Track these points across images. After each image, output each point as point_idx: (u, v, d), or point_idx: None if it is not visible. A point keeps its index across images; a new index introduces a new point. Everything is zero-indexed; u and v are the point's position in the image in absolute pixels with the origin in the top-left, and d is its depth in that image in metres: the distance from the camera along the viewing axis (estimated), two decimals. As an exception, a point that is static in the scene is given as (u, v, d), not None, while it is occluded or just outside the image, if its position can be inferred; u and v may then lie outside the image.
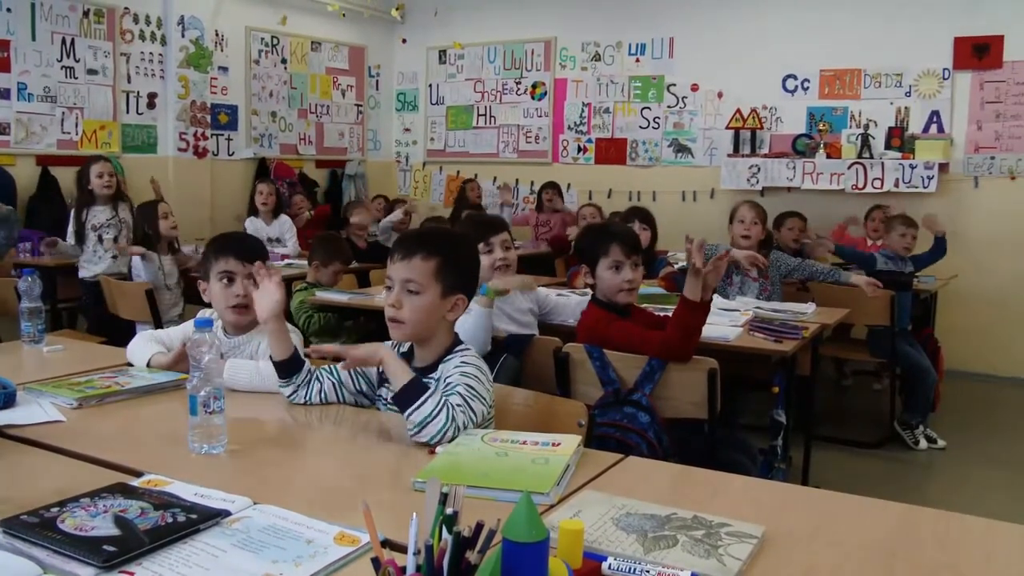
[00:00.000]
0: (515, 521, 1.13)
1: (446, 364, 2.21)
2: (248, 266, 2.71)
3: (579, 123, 9.33)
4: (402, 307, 2.22)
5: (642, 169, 8.97)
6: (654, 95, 8.90)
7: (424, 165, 10.39)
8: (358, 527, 1.47)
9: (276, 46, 9.24)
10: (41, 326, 3.17)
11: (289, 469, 1.95)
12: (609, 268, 3.31)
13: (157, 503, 1.56)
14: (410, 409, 2.01)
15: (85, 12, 7.58)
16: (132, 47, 7.95)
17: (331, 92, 9.86)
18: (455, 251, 2.32)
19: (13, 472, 1.67)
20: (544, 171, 9.29)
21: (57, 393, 2.36)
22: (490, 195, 9.58)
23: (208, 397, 1.89)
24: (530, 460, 1.80)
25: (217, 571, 1.35)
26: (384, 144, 10.53)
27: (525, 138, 9.65)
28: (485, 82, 9.90)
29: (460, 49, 9.97)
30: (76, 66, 7.55)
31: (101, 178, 5.97)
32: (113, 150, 7.71)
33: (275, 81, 9.25)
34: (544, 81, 9.52)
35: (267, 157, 9.08)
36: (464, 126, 10.03)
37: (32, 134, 7.27)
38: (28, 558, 1.38)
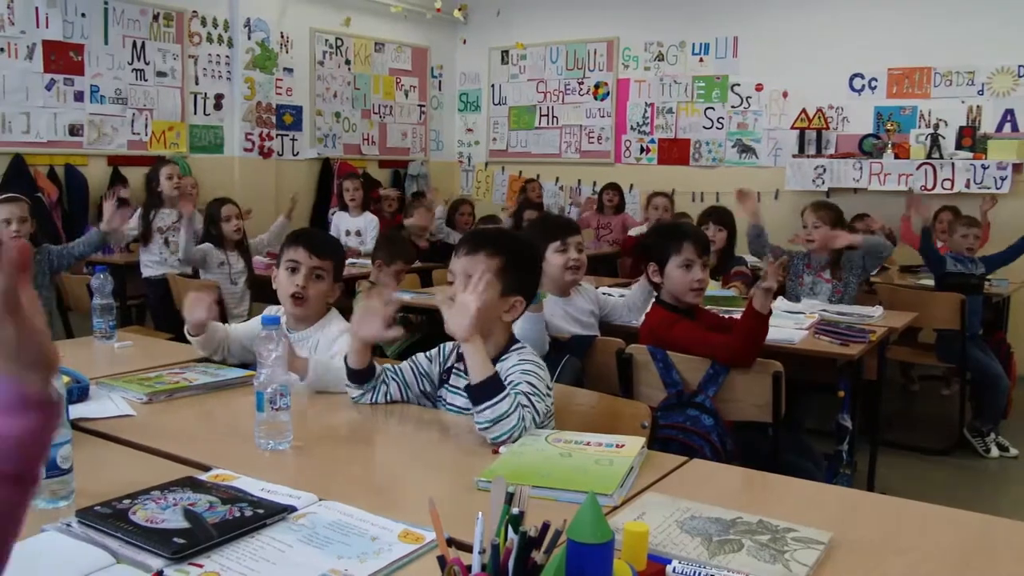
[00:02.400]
0: (580, 522, 1.13)
1: (503, 362, 2.21)
2: (315, 259, 2.75)
3: (642, 123, 9.28)
4: None
5: (705, 170, 8.89)
6: (718, 95, 8.82)
7: (486, 165, 10.42)
8: (422, 525, 1.48)
9: (340, 47, 9.34)
10: (112, 322, 3.24)
11: (353, 466, 1.97)
12: (680, 266, 3.28)
13: (225, 497, 1.58)
14: (485, 404, 1.99)
15: (155, 16, 7.73)
16: (200, 49, 8.10)
17: (394, 93, 9.93)
18: (519, 253, 2.32)
19: (86, 464, 1.70)
20: (606, 172, 9.26)
21: (128, 388, 2.41)
22: (551, 195, 9.57)
23: (275, 394, 1.91)
24: (594, 461, 1.79)
25: (283, 566, 1.37)
26: (446, 144, 10.58)
27: (587, 138, 9.63)
28: (547, 82, 9.89)
29: (522, 49, 9.98)
30: (146, 68, 7.70)
31: (171, 180, 6.08)
32: (181, 150, 7.85)
33: (339, 82, 9.34)
34: (607, 81, 9.49)
35: (331, 157, 9.17)
36: (526, 126, 10.04)
37: (104, 135, 7.43)
38: (101, 547, 1.42)
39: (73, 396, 2.24)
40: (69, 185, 7.15)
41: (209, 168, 7.95)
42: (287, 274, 2.80)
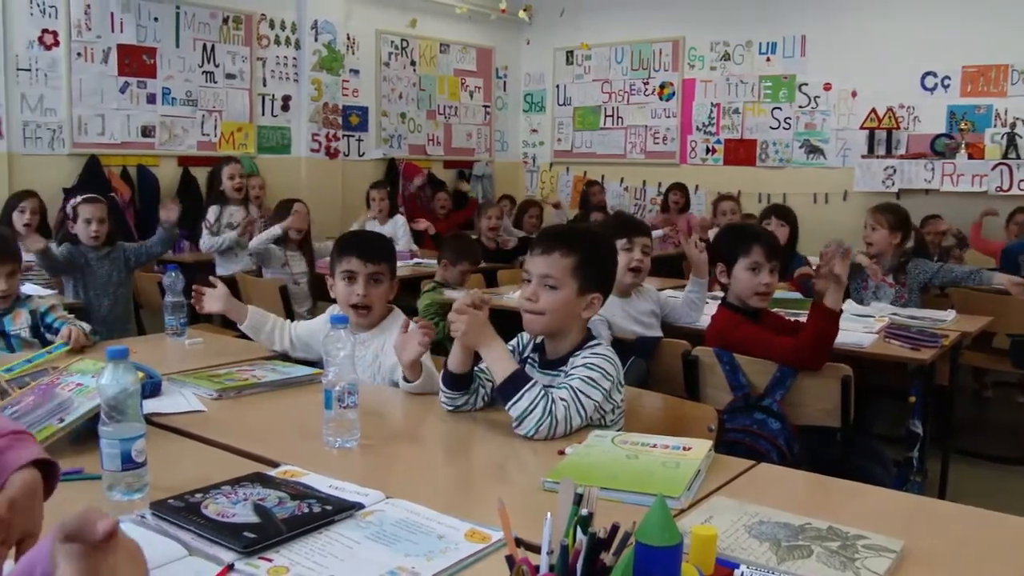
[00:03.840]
0: (649, 525, 1.12)
1: (576, 358, 2.21)
2: (370, 266, 2.76)
3: (708, 124, 9.20)
4: (538, 301, 2.23)
5: (772, 170, 8.79)
6: (785, 95, 8.71)
7: (551, 166, 10.41)
8: (488, 524, 1.49)
9: (405, 48, 9.41)
10: (183, 320, 3.30)
11: (420, 465, 1.98)
12: (748, 269, 3.24)
13: (294, 493, 1.60)
14: (509, 402, 2.04)
15: (224, 19, 7.87)
16: (268, 52, 8.22)
17: (459, 93, 9.98)
18: (595, 250, 2.32)
19: (159, 458, 1.74)
20: (672, 172, 9.20)
21: (198, 384, 2.46)
22: (616, 196, 9.54)
23: (343, 392, 1.93)
24: (660, 463, 1.78)
25: (351, 562, 1.38)
26: (511, 145, 10.60)
27: (653, 139, 9.57)
28: (612, 83, 9.86)
29: (587, 50, 9.96)
30: (215, 71, 7.85)
31: (232, 179, 6.17)
32: (249, 151, 7.98)
33: (404, 83, 9.41)
34: (672, 81, 9.43)
35: (396, 158, 9.25)
36: (591, 127, 10.02)
37: (174, 136, 7.59)
38: (174, 540, 1.45)
39: (146, 391, 2.28)
40: (141, 185, 7.32)
41: (276, 169, 8.06)
42: (344, 284, 2.79)
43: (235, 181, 6.22)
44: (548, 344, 2.32)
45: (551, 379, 2.22)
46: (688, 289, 3.96)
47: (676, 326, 3.88)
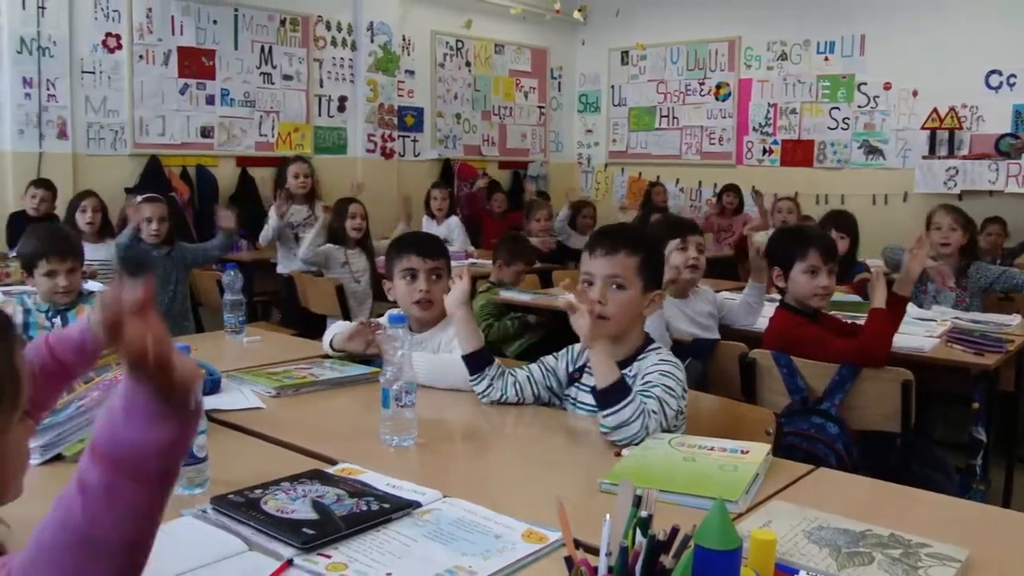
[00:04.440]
0: (708, 528, 1.11)
1: (642, 361, 2.20)
2: (429, 262, 2.78)
3: (764, 124, 9.12)
4: (607, 303, 2.22)
5: (830, 171, 8.68)
6: (843, 95, 8.60)
7: (606, 166, 10.39)
8: (545, 524, 1.49)
9: (461, 49, 9.44)
10: (242, 318, 3.34)
11: (476, 464, 1.99)
12: (804, 272, 3.20)
13: (352, 491, 1.61)
14: (609, 411, 1.99)
15: (282, 21, 7.97)
16: (324, 53, 8.30)
17: (514, 94, 9.99)
18: (653, 248, 2.35)
19: (219, 453, 1.76)
20: (727, 173, 9.13)
21: (257, 381, 2.49)
22: (674, 197, 9.48)
23: (400, 391, 1.95)
24: (718, 466, 1.77)
25: (408, 560, 1.39)
26: (566, 145, 10.59)
27: (708, 139, 9.51)
28: (668, 83, 9.81)
29: (642, 50, 9.92)
30: (273, 72, 7.95)
31: (297, 178, 6.24)
32: (306, 151, 8.05)
33: (459, 84, 9.45)
34: (728, 81, 9.36)
35: (451, 158, 9.28)
36: (646, 127, 9.97)
37: (233, 137, 7.69)
38: (234, 535, 1.47)
39: (206, 388, 2.32)
40: (200, 185, 7.44)
41: (333, 169, 8.13)
42: (405, 283, 2.80)
43: (300, 180, 6.28)
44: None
45: None
46: (746, 293, 3.92)
47: (732, 328, 3.84)
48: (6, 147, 6.45)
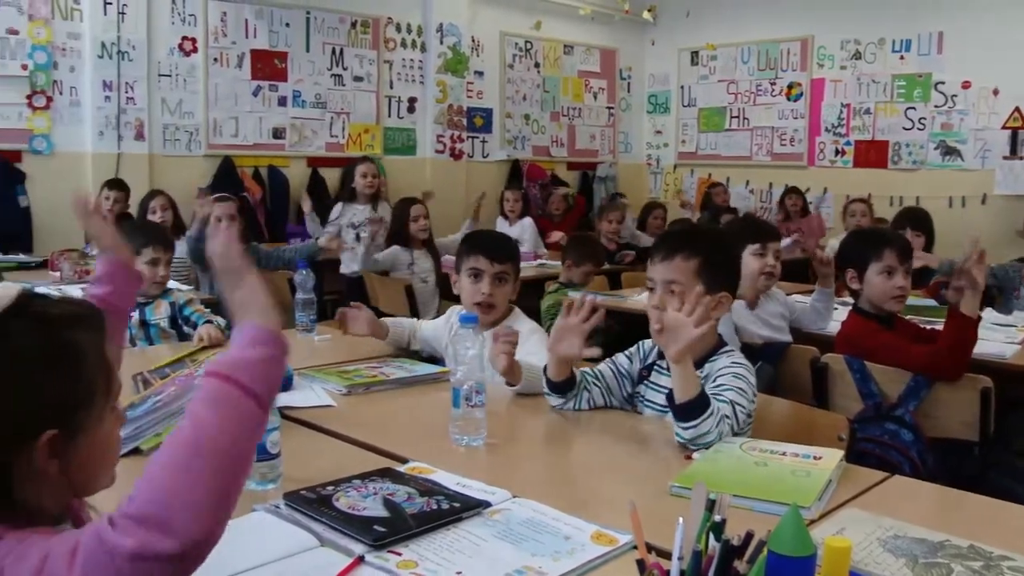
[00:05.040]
0: (782, 534, 1.10)
1: (713, 363, 2.18)
2: (496, 265, 2.77)
3: (837, 125, 8.96)
4: (666, 308, 2.20)
5: (905, 173, 8.50)
6: (920, 94, 8.41)
7: (675, 168, 10.31)
8: (614, 527, 1.48)
9: (530, 50, 9.45)
10: (313, 317, 3.39)
11: (545, 465, 1.99)
12: (880, 273, 3.13)
13: (422, 490, 1.62)
14: (688, 424, 1.95)
15: (353, 23, 8.05)
16: (394, 54, 8.38)
17: (583, 95, 9.97)
18: (716, 249, 2.29)
19: (292, 450, 1.79)
20: (799, 175, 9.00)
21: (328, 379, 2.52)
22: (741, 199, 9.37)
23: (470, 391, 1.95)
24: (790, 472, 1.74)
25: (478, 559, 1.40)
26: (635, 146, 10.54)
27: (779, 140, 9.38)
28: (738, 83, 9.71)
29: (713, 50, 9.82)
30: (344, 74, 8.04)
31: (365, 178, 6.29)
32: (376, 152, 8.13)
33: (528, 84, 9.46)
34: (800, 81, 9.23)
35: (520, 159, 9.29)
36: (716, 128, 9.88)
37: (304, 138, 7.80)
38: (306, 530, 1.49)
39: (279, 385, 2.35)
40: (272, 185, 7.55)
41: (402, 169, 8.20)
42: (470, 281, 2.81)
43: (367, 180, 6.33)
44: None
45: None
46: (814, 298, 3.86)
47: (804, 331, 3.79)
48: (87, 148, 6.63)
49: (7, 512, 1.03)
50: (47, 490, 1.07)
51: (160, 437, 1.87)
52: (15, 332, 1.05)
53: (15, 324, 1.05)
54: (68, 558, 0.94)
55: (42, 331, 1.07)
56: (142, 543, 0.93)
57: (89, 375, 1.10)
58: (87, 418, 1.09)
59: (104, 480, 1.17)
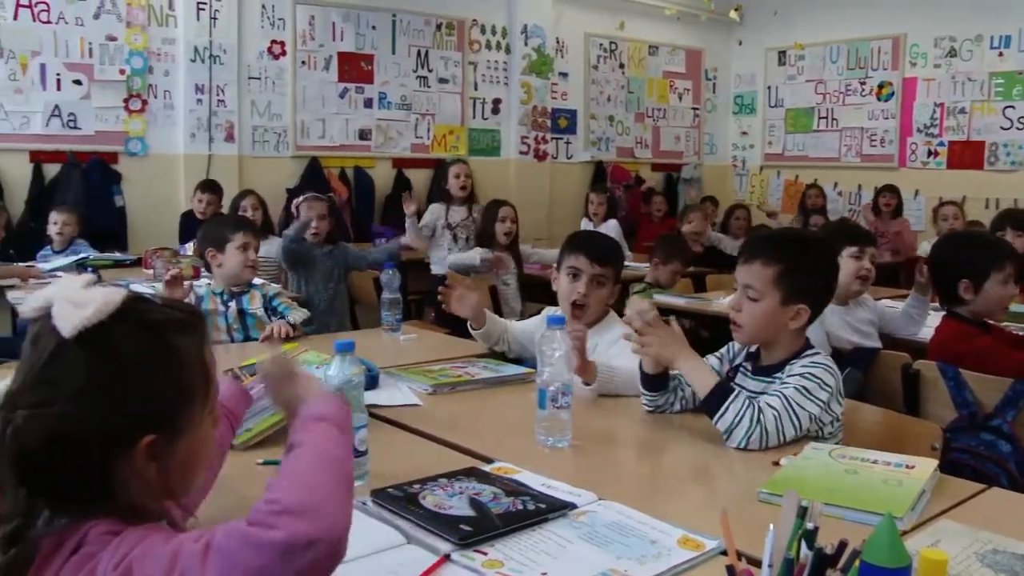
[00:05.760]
0: (876, 544, 1.07)
1: (792, 366, 2.14)
2: (596, 267, 2.75)
3: (930, 125, 8.73)
4: (741, 311, 2.18)
5: (1003, 174, 8.23)
6: (1019, 92, 8.13)
7: (761, 169, 10.16)
8: (701, 532, 1.47)
9: (614, 51, 9.41)
10: (399, 316, 3.43)
11: (630, 468, 1.98)
12: (1003, 283, 3.02)
13: (508, 490, 1.63)
14: (715, 417, 2.00)
15: (438, 26, 8.13)
16: (479, 56, 8.42)
17: (668, 95, 9.90)
18: (801, 257, 2.21)
19: (378, 448, 1.81)
20: (889, 176, 8.77)
21: (413, 378, 2.54)
22: (832, 201, 9.18)
23: (556, 392, 1.95)
24: (881, 480, 1.70)
25: (564, 561, 1.39)
26: (720, 148, 10.42)
27: (869, 141, 9.18)
28: (827, 83, 9.53)
29: (800, 50, 9.66)
30: (429, 75, 8.11)
31: (458, 179, 6.32)
32: (460, 153, 8.18)
33: (613, 85, 9.42)
34: (891, 81, 9.01)
35: (604, 160, 9.26)
36: (804, 129, 9.71)
37: (389, 139, 7.89)
38: (393, 528, 1.50)
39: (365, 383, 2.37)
40: (358, 186, 7.65)
41: (486, 170, 8.23)
42: (568, 280, 2.79)
43: (460, 180, 6.37)
44: (763, 351, 2.26)
45: (764, 386, 2.16)
46: (908, 304, 3.77)
47: (894, 337, 3.70)
48: (179, 150, 6.81)
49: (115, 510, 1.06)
50: (147, 491, 1.09)
51: (251, 432, 1.91)
52: (118, 336, 1.07)
53: (119, 328, 1.07)
54: (200, 557, 0.95)
55: (145, 336, 1.09)
56: (293, 532, 0.95)
57: (188, 379, 1.12)
58: (186, 422, 1.11)
59: (199, 482, 1.19)
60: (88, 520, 1.04)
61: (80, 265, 5.16)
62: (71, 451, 1.03)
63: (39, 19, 6.29)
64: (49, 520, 1.06)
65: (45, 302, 1.07)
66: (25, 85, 6.27)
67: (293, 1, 7.27)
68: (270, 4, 7.18)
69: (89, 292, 1.08)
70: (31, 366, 1.06)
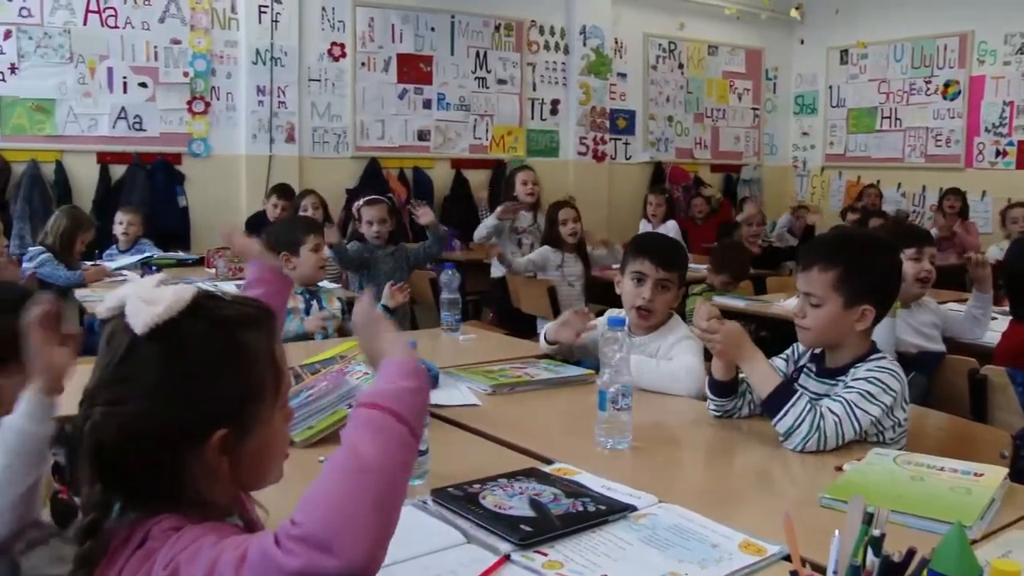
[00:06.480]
0: (946, 553, 1.05)
1: (857, 369, 2.11)
2: (661, 272, 2.72)
3: (998, 124, 8.54)
4: (805, 317, 2.16)
5: (1076, 176, 8.03)
6: (1093, 90, 7.93)
7: (822, 170, 10.02)
8: (762, 536, 1.45)
9: (673, 51, 9.36)
10: (458, 316, 3.44)
11: (690, 470, 1.97)
12: None
13: (568, 491, 1.63)
14: (775, 417, 1.99)
15: (496, 27, 8.14)
16: (537, 57, 8.42)
17: (727, 96, 9.81)
18: (860, 259, 2.18)
19: (438, 447, 1.82)
20: (955, 177, 8.59)
21: (473, 379, 2.55)
22: (892, 203, 9.03)
23: (617, 394, 1.94)
24: (948, 488, 1.67)
25: (624, 563, 1.39)
26: (780, 148, 10.30)
27: (934, 141, 9.00)
28: (890, 82, 9.37)
29: (863, 48, 9.51)
30: (487, 76, 8.14)
31: (526, 185, 6.32)
32: (519, 154, 8.20)
33: (672, 86, 9.37)
34: (958, 79, 8.83)
35: (662, 161, 9.21)
36: (866, 129, 9.56)
37: (448, 140, 7.93)
38: (453, 527, 1.51)
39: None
40: (416, 186, 7.70)
41: (545, 171, 8.18)
42: (632, 284, 2.76)
43: (528, 187, 6.36)
44: (828, 353, 2.23)
45: (828, 388, 2.13)
46: (971, 304, 3.69)
47: (960, 342, 3.63)
48: (241, 151, 6.91)
49: (183, 506, 1.08)
50: (217, 486, 1.11)
51: (313, 430, 1.93)
52: (189, 333, 1.08)
53: (189, 325, 1.09)
54: (235, 568, 0.96)
55: (215, 332, 1.11)
56: (308, 564, 0.94)
57: (259, 375, 1.13)
58: (256, 417, 1.12)
59: (272, 476, 1.20)
60: (157, 515, 1.06)
61: (144, 264, 5.27)
62: (144, 447, 1.05)
63: (107, 24, 6.43)
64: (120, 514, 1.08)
65: (119, 301, 1.09)
66: (93, 88, 6.42)
67: (353, 3, 7.34)
68: (330, 7, 7.25)
69: (160, 290, 1.10)
70: (106, 364, 1.09)
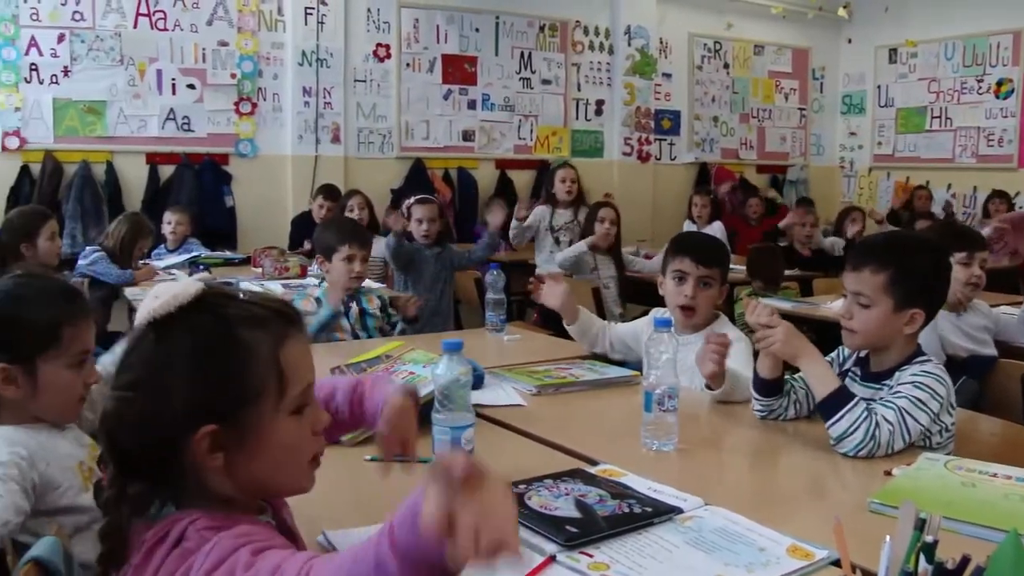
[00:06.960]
0: (1001, 561, 1.04)
1: (903, 372, 2.08)
2: (702, 269, 2.72)
3: (1054, 123, 8.38)
4: (852, 318, 2.13)
5: None
6: None
7: (870, 171, 9.90)
8: (810, 541, 1.43)
9: (719, 51, 9.30)
10: (503, 316, 3.44)
11: (736, 473, 1.95)
12: None
13: (614, 492, 1.62)
14: (830, 421, 1.96)
15: (541, 27, 8.15)
16: (582, 57, 8.42)
17: (773, 95, 9.73)
18: (911, 261, 2.14)
19: (483, 448, 1.82)
20: (1007, 177, 8.46)
21: (518, 379, 2.55)
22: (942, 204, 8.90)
23: (663, 395, 1.93)
24: (1002, 495, 1.63)
25: (670, 565, 1.38)
26: (827, 149, 10.19)
27: (986, 141, 8.86)
28: (940, 81, 9.24)
29: (913, 47, 9.38)
30: (532, 77, 8.15)
31: (564, 183, 6.32)
32: (563, 154, 8.19)
33: (717, 86, 9.31)
34: (1011, 77, 8.68)
35: (708, 162, 9.15)
36: (915, 129, 9.43)
37: (492, 140, 7.95)
38: (498, 527, 1.50)
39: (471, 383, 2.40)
40: (461, 187, 7.73)
41: (589, 172, 8.17)
42: (674, 284, 2.77)
43: (566, 185, 6.36)
44: (872, 356, 2.19)
45: (873, 392, 2.10)
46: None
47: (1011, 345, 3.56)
48: (287, 151, 6.98)
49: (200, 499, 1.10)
50: (220, 483, 1.11)
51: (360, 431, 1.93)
52: (186, 326, 1.11)
53: (188, 318, 1.11)
54: None
55: (212, 327, 1.12)
56: None
57: (257, 375, 1.11)
58: (254, 418, 1.11)
59: (291, 484, 1.20)
60: (188, 511, 1.08)
61: (192, 263, 5.33)
62: (138, 433, 1.08)
63: (156, 27, 6.53)
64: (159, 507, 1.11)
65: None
66: (143, 90, 6.51)
67: (398, 4, 7.39)
68: (375, 8, 7.30)
69: (169, 286, 1.13)
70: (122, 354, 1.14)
